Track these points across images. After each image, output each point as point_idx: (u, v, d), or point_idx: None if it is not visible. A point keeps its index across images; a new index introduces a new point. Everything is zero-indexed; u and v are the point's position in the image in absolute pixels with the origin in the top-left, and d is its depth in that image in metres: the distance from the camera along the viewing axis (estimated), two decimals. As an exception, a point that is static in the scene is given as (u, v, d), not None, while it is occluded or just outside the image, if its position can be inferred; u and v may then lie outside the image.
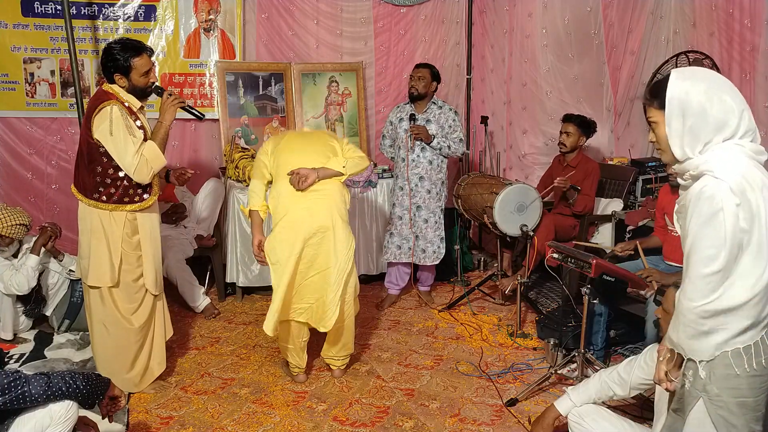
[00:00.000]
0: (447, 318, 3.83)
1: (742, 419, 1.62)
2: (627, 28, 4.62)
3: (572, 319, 3.22)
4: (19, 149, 4.31)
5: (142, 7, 4.31)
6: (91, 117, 2.65)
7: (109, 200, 2.72)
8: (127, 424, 2.66)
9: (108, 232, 2.75)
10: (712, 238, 1.55)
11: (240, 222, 4.04)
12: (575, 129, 3.94)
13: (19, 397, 1.81)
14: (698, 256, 1.57)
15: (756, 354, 1.60)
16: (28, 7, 4.14)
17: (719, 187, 1.53)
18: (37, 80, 4.26)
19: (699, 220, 1.57)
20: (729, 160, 1.56)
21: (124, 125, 2.63)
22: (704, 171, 1.58)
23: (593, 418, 2.10)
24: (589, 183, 3.93)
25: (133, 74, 2.69)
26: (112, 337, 2.83)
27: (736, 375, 1.60)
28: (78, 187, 2.77)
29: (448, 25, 4.98)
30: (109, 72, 2.70)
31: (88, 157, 2.70)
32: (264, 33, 4.61)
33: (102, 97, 2.67)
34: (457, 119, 3.87)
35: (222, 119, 4.46)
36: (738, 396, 1.61)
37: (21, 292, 3.31)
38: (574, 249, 2.96)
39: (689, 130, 1.60)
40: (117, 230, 2.75)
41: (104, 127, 2.61)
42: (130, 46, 2.68)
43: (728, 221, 1.53)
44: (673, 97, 1.61)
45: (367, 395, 2.93)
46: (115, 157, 2.66)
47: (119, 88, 2.72)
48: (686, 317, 1.61)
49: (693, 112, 1.59)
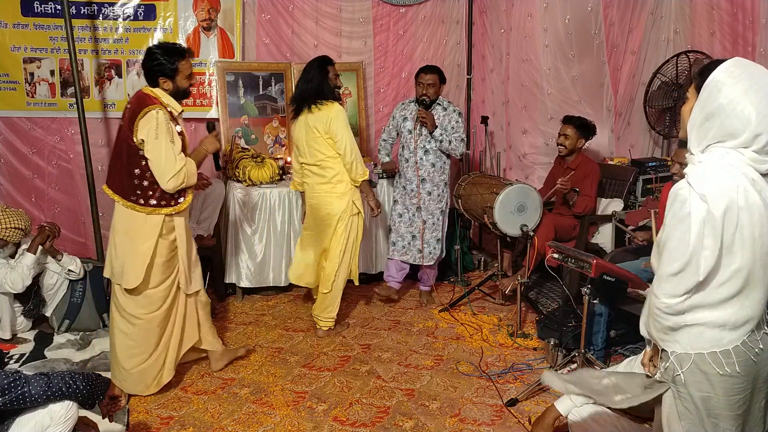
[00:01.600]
0: (447, 318, 3.83)
1: (705, 414, 1.62)
2: (627, 28, 4.62)
3: (572, 319, 3.22)
4: (20, 149, 4.31)
5: (141, 6, 4.30)
6: (135, 119, 2.66)
7: (146, 203, 2.74)
8: (127, 424, 2.66)
9: (145, 234, 2.76)
10: (677, 240, 1.55)
11: (240, 222, 4.04)
12: (574, 131, 3.94)
13: (19, 397, 1.81)
14: (665, 254, 1.59)
15: (736, 355, 1.59)
16: (27, 6, 4.13)
17: (691, 194, 1.53)
18: (37, 80, 4.26)
19: (671, 220, 1.57)
20: (715, 169, 1.54)
21: (167, 131, 2.66)
22: (687, 173, 1.57)
23: (593, 418, 2.10)
24: (589, 183, 3.92)
25: (179, 77, 2.76)
26: (137, 333, 2.85)
27: (705, 373, 1.60)
28: (114, 188, 2.79)
29: (448, 25, 4.97)
30: (154, 76, 2.75)
31: (128, 160, 2.72)
32: (264, 33, 4.60)
33: (146, 101, 2.71)
34: (460, 121, 3.88)
35: (222, 119, 4.46)
36: (703, 391, 1.61)
37: (15, 290, 3.30)
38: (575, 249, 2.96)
39: (701, 123, 1.58)
40: (154, 231, 2.76)
41: (150, 130, 2.64)
42: (175, 50, 2.76)
43: (693, 229, 1.52)
44: (708, 84, 1.57)
45: (368, 395, 2.93)
46: (153, 162, 2.68)
47: (161, 91, 2.77)
48: (653, 311, 1.64)
49: (714, 107, 1.55)
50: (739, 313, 1.58)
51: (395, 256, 3.99)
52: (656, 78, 4.39)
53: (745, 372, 1.60)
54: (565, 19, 4.61)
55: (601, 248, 3.93)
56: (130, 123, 2.69)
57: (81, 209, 4.45)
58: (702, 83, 1.58)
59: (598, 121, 4.69)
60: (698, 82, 1.60)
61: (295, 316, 3.92)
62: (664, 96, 4.41)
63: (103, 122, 4.41)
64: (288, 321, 3.83)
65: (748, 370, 1.61)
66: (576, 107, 4.67)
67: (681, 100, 4.37)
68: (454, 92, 5.12)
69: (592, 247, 3.96)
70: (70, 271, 3.50)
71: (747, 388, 1.62)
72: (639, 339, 3.17)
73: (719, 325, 1.59)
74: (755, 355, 1.61)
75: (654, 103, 4.45)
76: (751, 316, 1.59)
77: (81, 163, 4.10)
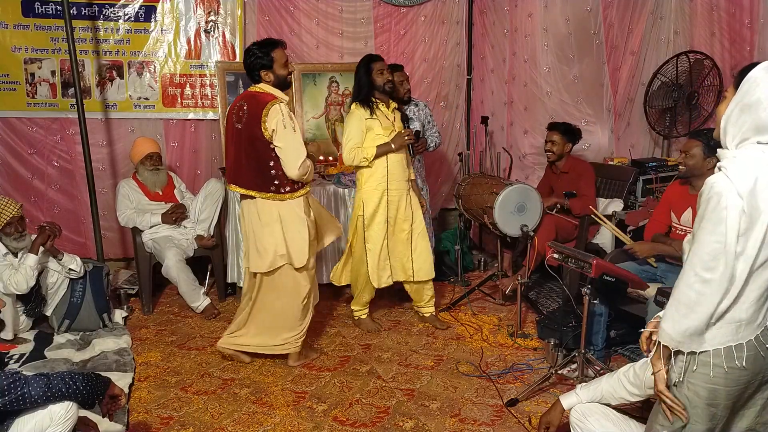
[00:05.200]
0: (447, 318, 3.83)
1: (705, 404, 1.63)
2: (627, 29, 4.62)
3: (572, 320, 3.22)
4: (20, 149, 4.32)
5: (142, 7, 4.31)
6: (260, 117, 2.85)
7: (285, 191, 2.97)
8: (127, 424, 2.66)
9: (298, 217, 3.00)
10: (711, 233, 1.54)
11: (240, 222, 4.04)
12: (560, 137, 3.97)
13: (18, 398, 1.81)
14: (698, 252, 1.57)
15: (748, 349, 1.61)
16: (28, 7, 4.14)
17: (727, 189, 1.52)
18: (37, 80, 4.27)
19: (708, 215, 1.56)
20: (750, 164, 1.54)
21: (291, 121, 2.86)
22: (722, 166, 1.58)
23: (596, 418, 2.07)
24: (585, 184, 3.92)
25: (276, 66, 2.95)
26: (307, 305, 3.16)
27: (716, 366, 1.61)
28: (248, 185, 2.99)
29: (449, 26, 4.98)
30: (255, 70, 2.95)
31: (261, 156, 2.92)
32: (264, 33, 4.60)
33: (262, 98, 2.90)
34: (430, 113, 4.10)
35: (222, 119, 4.46)
36: (710, 383, 1.62)
37: (20, 291, 3.31)
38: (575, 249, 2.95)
39: (737, 117, 1.59)
40: (304, 213, 3.02)
41: (278, 121, 2.83)
42: (267, 42, 2.98)
43: (731, 225, 1.52)
44: (747, 79, 1.59)
45: (367, 395, 2.93)
46: (283, 150, 2.87)
47: (266, 85, 2.96)
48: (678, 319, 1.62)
49: (750, 101, 1.57)
50: (760, 311, 1.60)
51: None
52: (656, 78, 4.39)
53: (753, 366, 1.61)
54: (564, 19, 4.61)
55: (601, 248, 3.93)
56: (255, 121, 2.87)
57: (81, 209, 4.46)
58: (740, 81, 1.61)
59: (598, 121, 4.70)
60: (737, 80, 1.63)
61: (296, 316, 3.92)
62: (664, 96, 4.41)
63: (104, 123, 4.42)
64: (288, 321, 3.83)
65: (757, 364, 1.62)
66: (576, 107, 4.67)
67: (681, 101, 4.37)
68: (454, 92, 5.12)
69: (593, 247, 3.96)
70: (71, 270, 3.51)
71: (751, 381, 1.64)
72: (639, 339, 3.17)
73: (736, 321, 1.59)
74: (765, 350, 1.62)
75: (654, 103, 4.45)
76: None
77: (81, 164, 4.11)
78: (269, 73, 2.94)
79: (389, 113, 3.49)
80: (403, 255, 3.60)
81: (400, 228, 3.56)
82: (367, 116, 3.40)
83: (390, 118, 3.49)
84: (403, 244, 3.59)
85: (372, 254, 3.49)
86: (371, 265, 3.50)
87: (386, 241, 3.52)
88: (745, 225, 1.52)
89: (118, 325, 3.70)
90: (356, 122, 3.40)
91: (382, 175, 3.44)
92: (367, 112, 3.40)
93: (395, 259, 3.59)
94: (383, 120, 3.44)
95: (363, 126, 3.39)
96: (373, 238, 3.49)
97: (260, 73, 2.94)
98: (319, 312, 3.97)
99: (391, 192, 3.47)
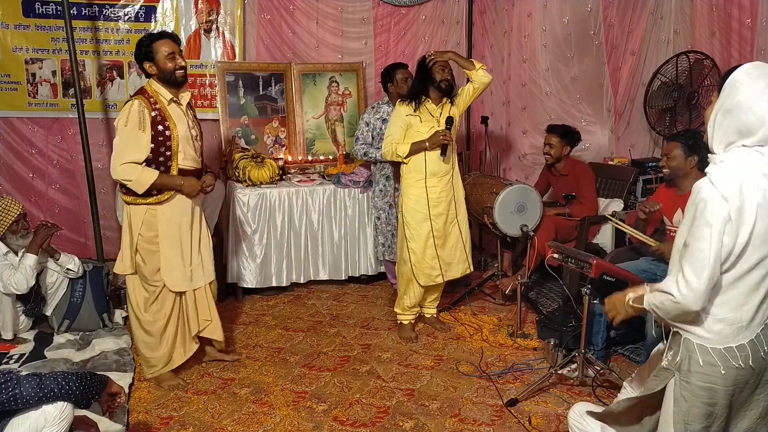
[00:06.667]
0: (447, 318, 3.83)
1: (703, 402, 1.64)
2: (627, 29, 4.62)
3: (572, 320, 3.22)
4: (21, 149, 4.32)
5: (142, 8, 4.31)
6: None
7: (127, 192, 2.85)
8: (127, 424, 2.66)
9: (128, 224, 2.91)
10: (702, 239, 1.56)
11: (240, 222, 4.05)
12: (558, 140, 3.96)
13: (10, 398, 1.80)
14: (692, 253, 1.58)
15: (747, 350, 1.62)
16: (29, 7, 4.14)
17: (713, 194, 1.54)
18: (38, 80, 4.27)
19: (696, 221, 1.58)
20: (735, 169, 1.56)
21: (140, 121, 2.72)
22: (708, 171, 1.59)
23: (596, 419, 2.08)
24: (586, 185, 3.92)
25: (158, 58, 2.78)
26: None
27: (713, 365, 1.62)
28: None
29: (448, 25, 4.98)
30: (140, 62, 2.84)
31: None
32: (264, 33, 4.61)
33: (135, 95, 2.82)
34: None
35: (222, 119, 4.47)
36: (708, 382, 1.63)
37: (20, 291, 3.31)
38: (575, 249, 2.95)
39: (720, 120, 1.61)
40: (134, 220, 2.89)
41: (121, 117, 2.75)
42: (154, 34, 2.85)
43: (715, 228, 1.53)
44: (728, 83, 1.60)
45: (368, 395, 2.93)
46: (114, 146, 2.79)
47: (152, 79, 2.83)
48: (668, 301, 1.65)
49: (731, 104, 1.58)
50: (759, 312, 1.61)
51: (385, 257, 4.05)
52: (656, 78, 4.39)
53: (752, 366, 1.62)
54: (564, 19, 4.61)
55: (601, 248, 3.93)
56: None
57: (81, 209, 4.46)
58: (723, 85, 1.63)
59: (598, 121, 4.70)
60: (720, 84, 1.65)
61: (295, 316, 3.92)
62: (664, 96, 4.41)
63: (105, 122, 4.42)
64: (288, 321, 3.84)
65: (757, 365, 1.63)
66: (576, 107, 4.67)
67: (681, 101, 4.37)
68: (454, 92, 5.12)
69: (593, 247, 3.96)
70: (68, 270, 3.50)
71: (749, 381, 1.64)
72: (639, 339, 3.17)
73: (734, 322, 1.61)
74: (765, 353, 1.63)
75: (654, 103, 4.45)
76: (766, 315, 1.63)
77: (81, 163, 4.11)
78: (152, 65, 2.79)
79: (436, 110, 3.38)
80: (455, 251, 3.51)
81: (447, 223, 3.46)
82: (409, 112, 3.36)
83: (435, 114, 3.37)
84: (454, 239, 3.49)
85: (414, 253, 3.42)
86: (414, 263, 3.42)
87: (433, 239, 3.43)
88: (732, 229, 1.54)
89: (118, 325, 3.70)
90: (397, 118, 3.38)
91: (421, 171, 3.36)
92: (410, 108, 3.36)
93: (447, 256, 3.49)
94: (425, 116, 3.36)
95: (403, 122, 3.35)
96: (415, 237, 3.41)
97: (144, 65, 2.81)
98: (319, 312, 3.98)
99: (430, 189, 3.37)
